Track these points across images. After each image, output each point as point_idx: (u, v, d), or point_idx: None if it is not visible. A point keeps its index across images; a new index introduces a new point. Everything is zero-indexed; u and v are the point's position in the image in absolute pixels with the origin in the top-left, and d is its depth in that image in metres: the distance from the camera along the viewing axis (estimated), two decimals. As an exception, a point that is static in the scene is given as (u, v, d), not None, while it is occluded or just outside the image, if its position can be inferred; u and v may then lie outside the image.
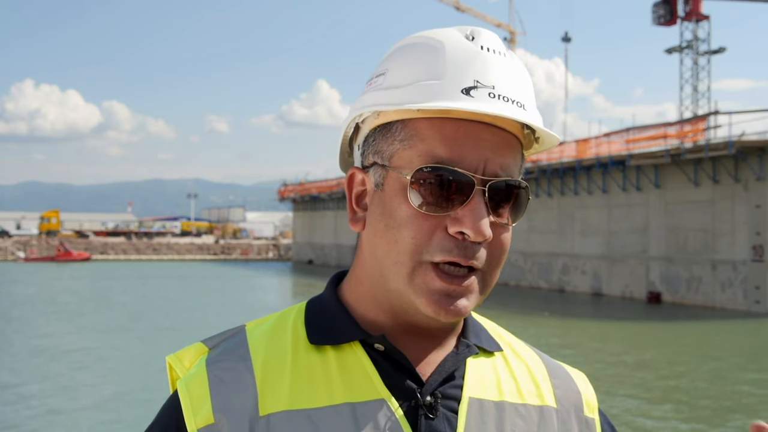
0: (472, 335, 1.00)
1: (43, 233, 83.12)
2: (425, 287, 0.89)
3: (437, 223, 0.89)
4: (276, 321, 0.99)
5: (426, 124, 0.90)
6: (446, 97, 0.89)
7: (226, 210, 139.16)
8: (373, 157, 0.95)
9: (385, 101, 0.93)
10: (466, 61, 0.91)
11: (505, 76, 0.92)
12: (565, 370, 1.07)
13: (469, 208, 0.88)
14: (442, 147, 0.89)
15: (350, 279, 1.01)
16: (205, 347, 0.97)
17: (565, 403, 1.02)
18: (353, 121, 1.00)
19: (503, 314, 24.00)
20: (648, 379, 14.01)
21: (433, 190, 0.88)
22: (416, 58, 0.93)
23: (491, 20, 64.56)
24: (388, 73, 0.95)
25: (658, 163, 28.27)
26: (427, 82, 0.91)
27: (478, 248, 0.89)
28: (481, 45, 0.93)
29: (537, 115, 0.94)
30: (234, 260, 72.96)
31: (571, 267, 33.64)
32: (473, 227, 0.87)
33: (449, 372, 0.94)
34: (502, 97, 0.90)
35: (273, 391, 0.89)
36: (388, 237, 0.91)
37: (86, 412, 11.41)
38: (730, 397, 12.55)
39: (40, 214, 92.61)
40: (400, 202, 0.90)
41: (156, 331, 20.63)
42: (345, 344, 0.94)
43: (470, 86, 0.90)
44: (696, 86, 45.50)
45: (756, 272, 24.82)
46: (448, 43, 0.93)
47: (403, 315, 0.94)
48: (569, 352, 16.89)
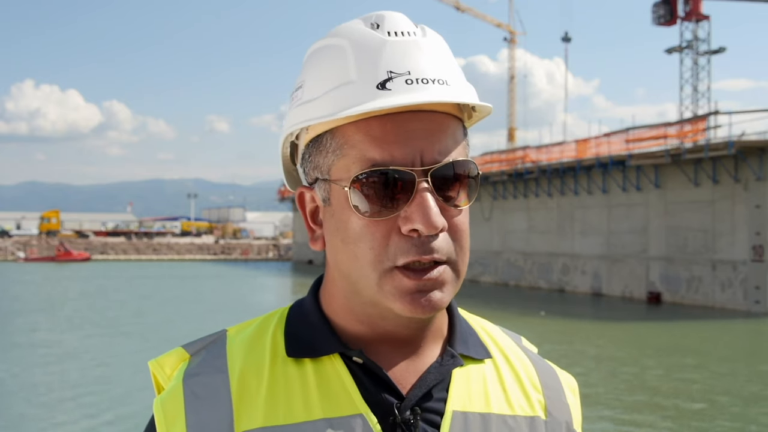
0: (459, 343, 0.97)
1: (43, 233, 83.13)
2: (396, 291, 0.86)
3: (390, 226, 0.87)
4: (256, 328, 0.97)
5: (352, 128, 0.88)
6: (362, 99, 0.86)
7: (226, 210, 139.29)
8: (314, 173, 0.93)
9: (306, 117, 0.91)
10: (375, 54, 0.88)
11: (420, 57, 0.88)
12: (556, 376, 1.04)
13: (416, 203, 0.85)
14: (373, 149, 0.86)
15: (324, 293, 0.98)
16: (186, 353, 0.95)
17: (555, 415, 0.99)
18: (287, 141, 0.99)
19: (503, 314, 23.99)
20: (648, 379, 14.00)
21: (376, 195, 0.86)
22: (325, 65, 0.91)
23: (491, 20, 64.57)
24: (305, 86, 0.93)
25: (658, 163, 28.25)
26: (341, 88, 0.88)
27: (436, 241, 0.86)
28: (388, 31, 0.89)
29: (462, 88, 0.91)
30: (234, 260, 72.97)
31: (571, 267, 33.63)
32: (423, 222, 0.85)
33: (431, 385, 0.92)
34: (421, 80, 0.86)
35: (249, 408, 0.88)
36: (347, 252, 0.89)
37: (84, 413, 11.41)
38: (730, 397, 12.54)
39: (40, 214, 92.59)
40: (349, 215, 0.88)
41: (156, 331, 20.61)
42: (324, 357, 0.91)
43: (385, 79, 0.86)
44: (696, 86, 45.48)
45: (756, 272, 24.82)
46: (353, 40, 0.90)
47: (382, 324, 0.92)
48: (569, 353, 16.89)
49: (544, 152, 35.63)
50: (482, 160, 40.65)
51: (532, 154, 36.66)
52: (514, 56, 63.25)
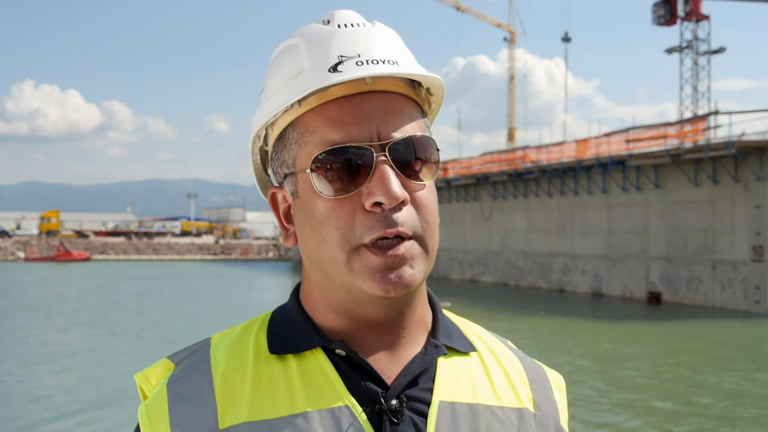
0: (443, 335, 0.97)
1: (43, 233, 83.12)
2: (365, 269, 0.87)
3: (354, 204, 0.88)
4: (240, 333, 0.98)
5: (311, 116, 0.90)
6: (315, 82, 0.88)
7: (226, 210, 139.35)
8: (281, 170, 0.95)
9: (267, 112, 0.93)
10: (326, 43, 0.91)
11: (370, 42, 0.91)
12: (544, 373, 1.04)
13: (377, 177, 0.87)
14: (331, 131, 0.88)
15: (303, 292, 0.99)
16: (171, 363, 0.96)
17: (543, 409, 0.99)
18: (256, 147, 1.00)
19: (503, 314, 24.00)
20: (648, 379, 14.00)
21: (337, 175, 0.87)
22: (282, 62, 0.94)
23: (491, 20, 64.62)
24: (266, 88, 0.96)
25: (658, 163, 28.25)
26: (296, 77, 0.91)
27: (399, 213, 0.87)
28: (338, 24, 0.93)
29: (412, 67, 0.92)
30: (234, 260, 72.97)
31: (571, 267, 33.63)
32: (384, 193, 0.86)
33: (416, 374, 0.92)
34: (371, 61, 0.89)
35: (233, 404, 0.88)
36: (316, 237, 0.90)
37: (83, 413, 11.41)
38: (731, 397, 12.54)
39: (40, 214, 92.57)
40: (315, 200, 0.90)
41: (156, 330, 20.61)
42: (307, 352, 0.92)
43: (336, 63, 0.89)
44: (696, 86, 45.49)
45: (756, 272, 24.82)
46: (305, 36, 0.93)
47: (358, 312, 0.92)
48: (569, 353, 16.89)
49: (544, 152, 35.64)
50: (482, 160, 40.70)
51: (532, 154, 36.66)
52: (514, 56, 63.31)
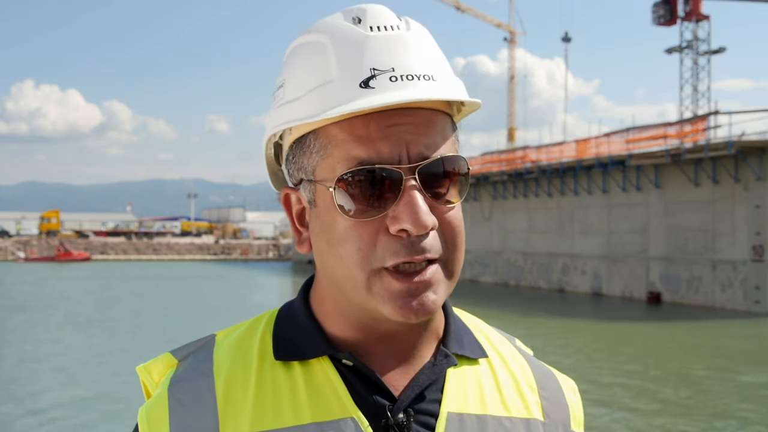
0: (453, 342, 0.94)
1: (43, 233, 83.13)
2: (386, 293, 0.83)
3: (377, 226, 0.84)
4: (244, 331, 0.95)
5: (336, 128, 0.85)
6: (344, 98, 0.83)
7: (226, 210, 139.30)
8: (298, 174, 0.90)
9: (288, 118, 0.88)
10: (357, 51, 0.85)
11: (404, 52, 0.85)
12: (554, 378, 1.02)
13: (404, 202, 0.82)
14: (357, 147, 0.83)
15: (315, 295, 0.95)
16: (174, 359, 0.93)
17: (552, 417, 0.96)
18: (270, 142, 0.97)
19: (502, 314, 23.99)
20: (648, 379, 14.00)
21: (362, 195, 0.83)
22: (306, 63, 0.88)
23: (491, 20, 64.63)
24: (286, 85, 0.90)
25: (658, 163, 28.26)
26: (323, 87, 0.85)
27: (426, 240, 0.83)
28: (370, 26, 0.86)
29: (450, 83, 0.87)
30: (234, 260, 73.02)
31: (571, 267, 33.63)
32: (412, 221, 0.81)
33: (424, 385, 0.89)
34: (406, 77, 0.83)
35: (235, 413, 0.86)
36: (333, 254, 0.86)
37: (82, 413, 11.42)
38: (731, 397, 12.55)
39: (40, 214, 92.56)
40: (335, 216, 0.85)
41: (155, 330, 20.61)
42: (313, 360, 0.89)
43: (368, 77, 0.83)
44: (696, 86, 45.48)
45: (756, 272, 24.82)
46: (334, 36, 0.86)
47: (374, 326, 0.89)
48: (568, 353, 16.89)
49: (544, 152, 35.64)
50: (482, 160, 40.68)
51: (532, 154, 36.66)
52: (514, 56, 63.31)
